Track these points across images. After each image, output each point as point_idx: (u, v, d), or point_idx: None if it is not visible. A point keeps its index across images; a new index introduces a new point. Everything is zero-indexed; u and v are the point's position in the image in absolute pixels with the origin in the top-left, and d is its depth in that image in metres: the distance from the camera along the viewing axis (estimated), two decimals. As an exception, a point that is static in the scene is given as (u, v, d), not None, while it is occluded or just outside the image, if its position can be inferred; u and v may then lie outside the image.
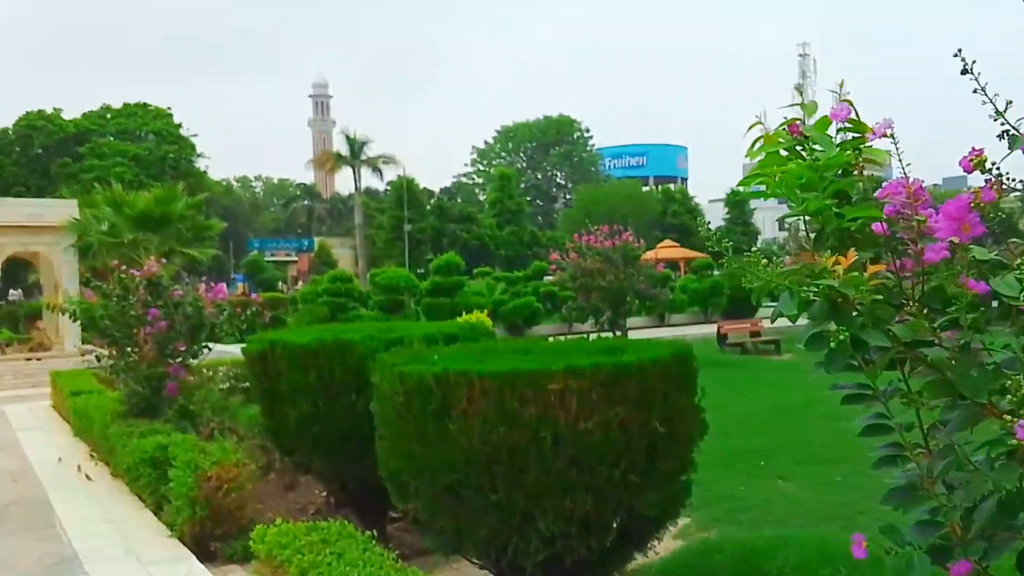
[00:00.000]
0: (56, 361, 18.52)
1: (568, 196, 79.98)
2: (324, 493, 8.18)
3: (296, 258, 69.21)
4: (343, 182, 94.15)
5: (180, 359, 8.63)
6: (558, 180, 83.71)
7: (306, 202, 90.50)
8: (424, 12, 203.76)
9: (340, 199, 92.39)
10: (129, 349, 8.64)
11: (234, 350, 16.59)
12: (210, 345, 9.08)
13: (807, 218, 2.00)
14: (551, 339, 5.79)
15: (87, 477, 8.23)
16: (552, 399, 4.11)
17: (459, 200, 69.50)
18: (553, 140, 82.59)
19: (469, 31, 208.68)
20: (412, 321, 9.00)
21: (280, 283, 51.03)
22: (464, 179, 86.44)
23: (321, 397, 6.38)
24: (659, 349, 4.68)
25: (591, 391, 4.15)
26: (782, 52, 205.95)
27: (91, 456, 9.28)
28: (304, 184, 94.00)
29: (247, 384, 14.58)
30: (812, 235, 2.02)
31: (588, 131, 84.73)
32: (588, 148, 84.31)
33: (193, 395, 8.84)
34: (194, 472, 6.23)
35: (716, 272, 30.29)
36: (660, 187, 77.78)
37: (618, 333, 20.37)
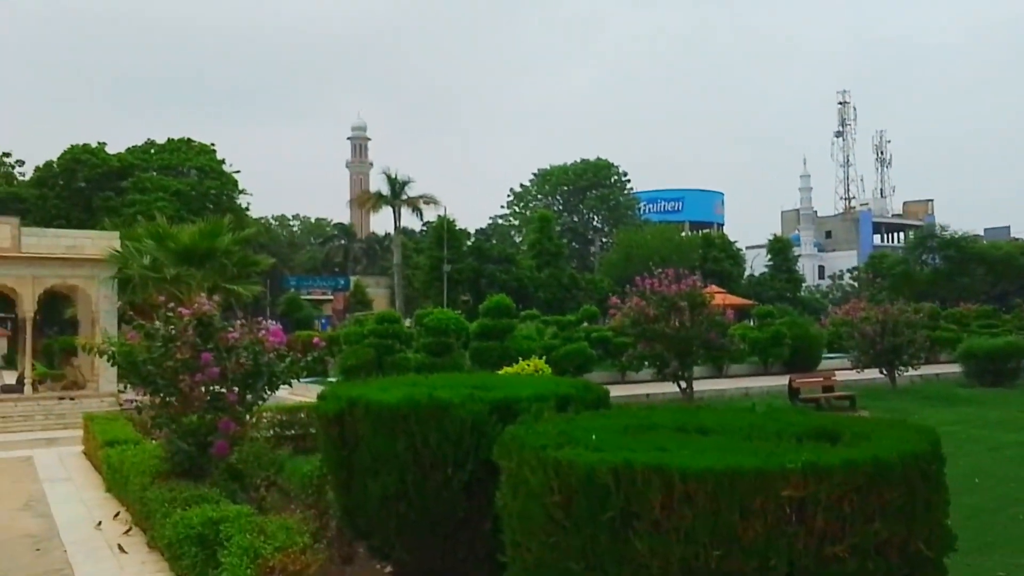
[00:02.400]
0: (90, 401, 17.59)
1: (605, 239, 78.82)
2: (388, 569, 7.00)
3: (332, 297, 68.69)
4: (378, 222, 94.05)
5: (231, 412, 7.50)
6: (595, 223, 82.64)
7: (342, 241, 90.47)
8: (462, 57, 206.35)
9: (376, 239, 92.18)
10: (173, 399, 7.55)
11: (278, 393, 15.57)
12: (265, 396, 7.96)
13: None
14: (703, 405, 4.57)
15: (120, 548, 7.08)
16: (788, 512, 2.90)
17: (494, 242, 68.62)
18: (590, 183, 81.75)
19: (503, 76, 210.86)
20: (505, 375, 7.77)
21: (316, 321, 50.24)
22: (500, 221, 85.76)
23: (411, 470, 5.22)
24: (901, 437, 3.44)
25: (843, 500, 2.92)
26: (819, 100, 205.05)
27: (125, 519, 8.15)
28: (341, 223, 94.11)
29: (293, 431, 13.54)
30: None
31: (625, 174, 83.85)
32: (625, 191, 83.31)
33: (236, 447, 7.70)
34: (253, 561, 5.06)
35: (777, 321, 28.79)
36: (700, 232, 76.43)
37: (683, 384, 19.03)
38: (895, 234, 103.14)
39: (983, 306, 38.70)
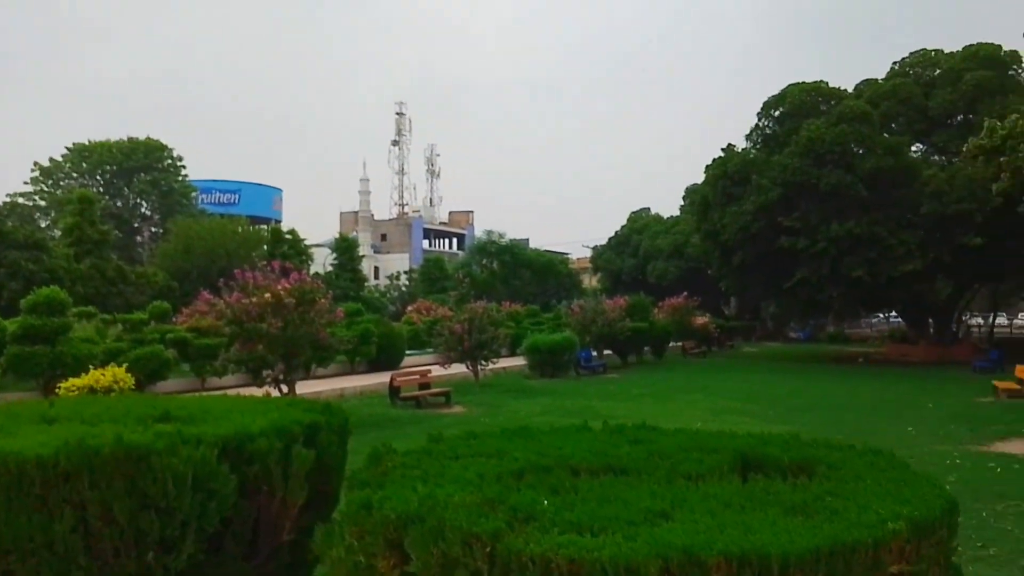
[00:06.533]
0: None
1: (155, 229, 71.33)
2: None
3: None
4: None
5: None
6: (143, 210, 74.30)
7: None
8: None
9: None
10: None
11: None
12: None
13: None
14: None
15: None
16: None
17: (10, 224, 56.96)
18: (139, 165, 73.23)
19: (58, 47, 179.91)
20: (206, 396, 5.23)
21: None
22: (22, 200, 71.91)
23: (78, 563, 3.17)
24: (873, 463, 2.80)
25: (935, 562, 2.14)
26: (379, 109, 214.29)
27: None
28: None
29: None
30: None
31: (180, 159, 76.89)
32: (180, 178, 76.45)
33: None
34: None
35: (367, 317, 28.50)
36: (261, 227, 73.69)
37: (284, 389, 17.35)
38: (442, 240, 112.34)
39: (529, 306, 43.59)
